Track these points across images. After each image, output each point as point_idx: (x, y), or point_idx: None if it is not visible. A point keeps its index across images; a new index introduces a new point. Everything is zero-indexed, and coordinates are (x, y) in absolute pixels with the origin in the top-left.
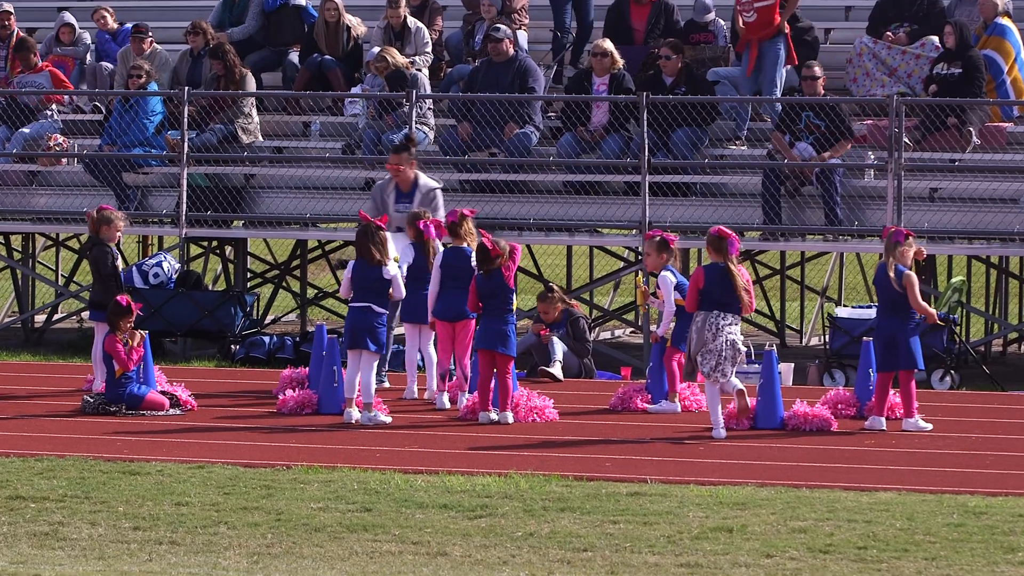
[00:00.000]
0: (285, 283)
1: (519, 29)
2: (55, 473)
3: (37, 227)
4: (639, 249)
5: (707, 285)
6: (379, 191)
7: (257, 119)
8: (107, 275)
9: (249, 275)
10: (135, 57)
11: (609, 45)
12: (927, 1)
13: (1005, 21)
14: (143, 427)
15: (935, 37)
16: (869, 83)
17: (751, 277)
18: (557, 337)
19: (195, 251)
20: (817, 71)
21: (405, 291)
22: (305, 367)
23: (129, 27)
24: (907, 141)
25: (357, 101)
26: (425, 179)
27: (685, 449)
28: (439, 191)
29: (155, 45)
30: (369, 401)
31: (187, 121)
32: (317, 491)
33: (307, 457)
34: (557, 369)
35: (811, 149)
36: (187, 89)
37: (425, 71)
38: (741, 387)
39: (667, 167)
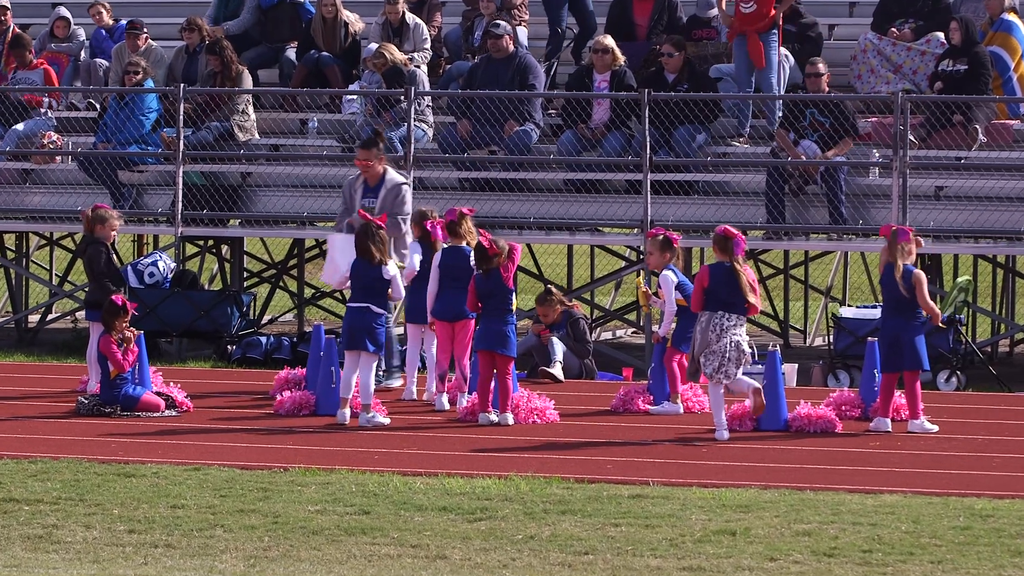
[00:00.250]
0: (282, 283)
1: (519, 25)
2: (49, 475)
3: (31, 226)
4: (641, 248)
5: (712, 285)
6: (348, 187)
7: (254, 116)
8: (99, 274)
9: (246, 274)
10: (130, 54)
11: (610, 41)
12: None
13: (1011, 17)
14: (138, 428)
15: (940, 33)
16: (874, 80)
17: (755, 277)
18: (557, 338)
19: (191, 250)
20: (821, 68)
21: (405, 292)
22: (302, 368)
23: (124, 23)
24: (912, 139)
25: (354, 99)
26: (393, 174)
27: (688, 451)
28: (406, 187)
29: (150, 41)
30: (368, 402)
31: (183, 118)
32: (315, 493)
33: (304, 459)
34: (557, 370)
35: (815, 147)
36: (183, 86)
37: (424, 68)
38: (757, 385)
39: (669, 165)
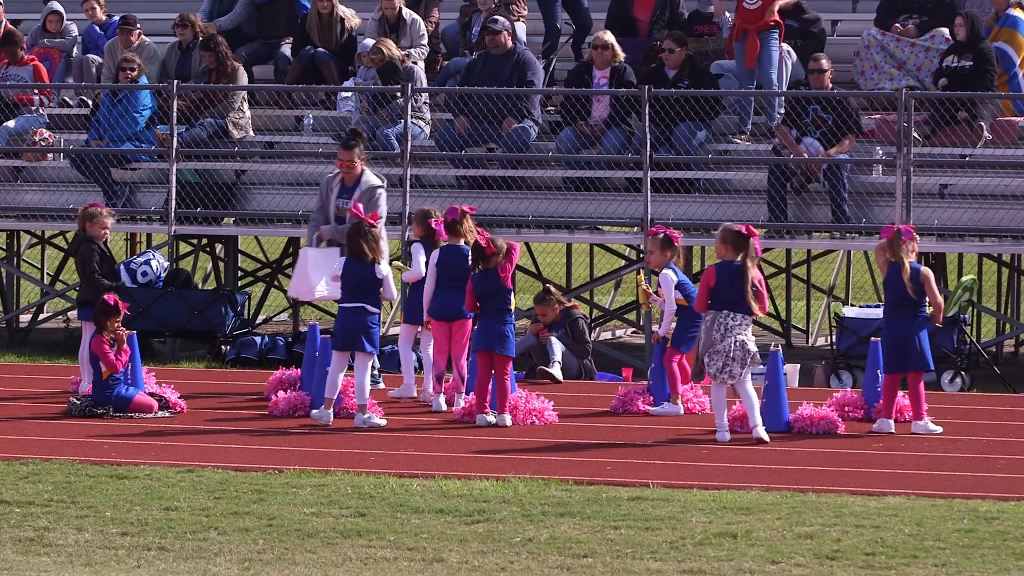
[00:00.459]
0: (277, 282)
1: (517, 21)
2: (40, 477)
3: (22, 224)
4: (641, 247)
5: (718, 284)
6: (325, 185)
7: (248, 113)
8: (89, 273)
9: (240, 274)
10: (123, 50)
11: (610, 37)
12: None
13: (1017, 13)
14: (131, 430)
15: (945, 29)
16: (877, 76)
17: (762, 277)
18: (556, 337)
19: (184, 249)
20: (824, 64)
21: (411, 292)
22: (297, 368)
23: (117, 19)
24: (916, 136)
25: (349, 97)
26: (369, 176)
27: (688, 452)
28: (381, 190)
29: (143, 37)
30: (364, 403)
31: (176, 115)
32: (310, 495)
33: (300, 461)
34: (556, 370)
35: (818, 144)
36: (176, 83)
37: (421, 64)
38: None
39: (670, 162)
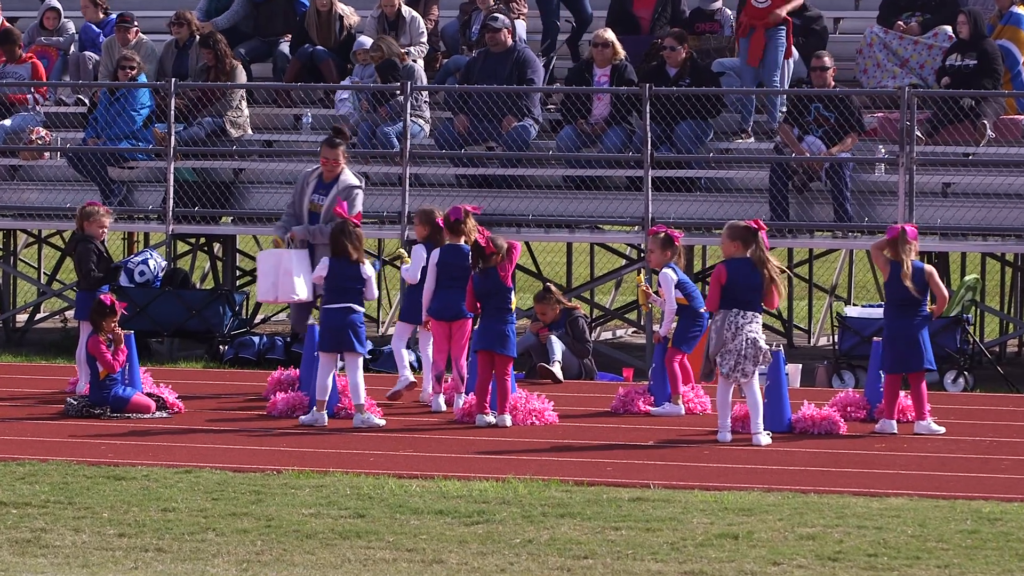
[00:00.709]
0: None
1: (517, 18)
2: (37, 478)
3: (19, 223)
4: (642, 246)
5: (730, 282)
6: (303, 180)
7: (247, 112)
8: (86, 272)
9: (238, 273)
10: (121, 48)
11: (610, 35)
12: None
13: (1021, 10)
14: (128, 430)
15: (948, 27)
16: (880, 74)
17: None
18: (556, 337)
19: (182, 248)
20: (827, 61)
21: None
22: (296, 368)
23: (114, 17)
24: (919, 134)
25: (346, 96)
26: (348, 175)
27: (689, 453)
28: (358, 191)
29: (141, 35)
30: (360, 403)
31: (174, 114)
32: (308, 496)
33: (298, 461)
34: (557, 369)
35: (820, 143)
36: (174, 81)
37: (420, 62)
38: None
39: (671, 161)
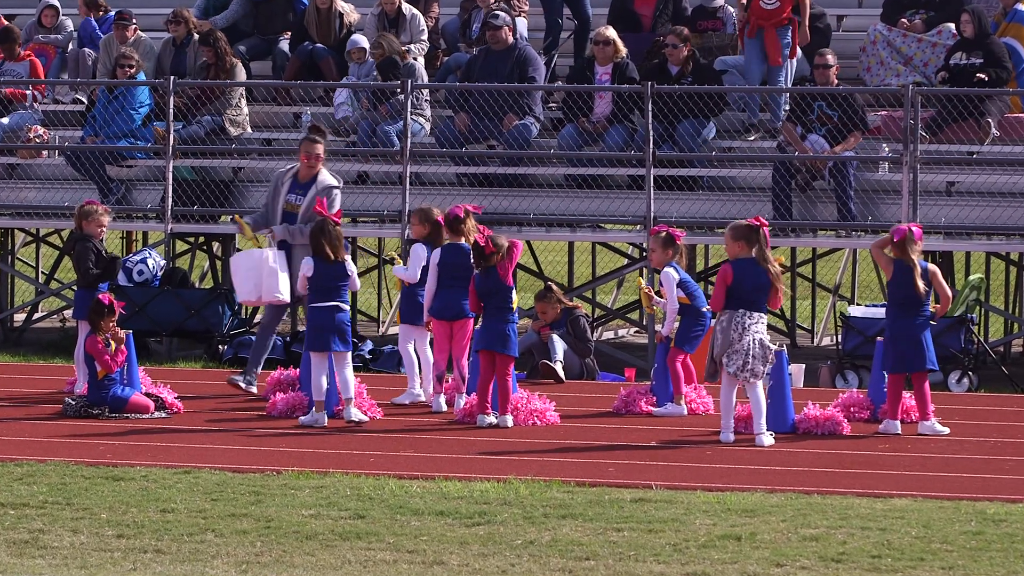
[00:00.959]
0: None
1: (518, 16)
2: (35, 478)
3: (16, 222)
4: (643, 245)
5: (735, 282)
6: (277, 178)
7: (246, 110)
8: (84, 271)
9: None
10: (119, 46)
11: (612, 33)
12: None
13: None
14: (127, 430)
15: (952, 24)
16: (883, 72)
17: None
18: (558, 336)
19: (181, 247)
20: (830, 59)
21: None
22: (296, 368)
23: (113, 14)
24: (923, 133)
25: (343, 100)
26: (326, 175)
27: (692, 453)
28: (337, 191)
29: (139, 33)
30: (350, 397)
31: (173, 112)
32: (308, 497)
33: (298, 462)
34: (559, 368)
35: (823, 141)
36: (172, 79)
37: (421, 59)
38: None
39: (673, 160)
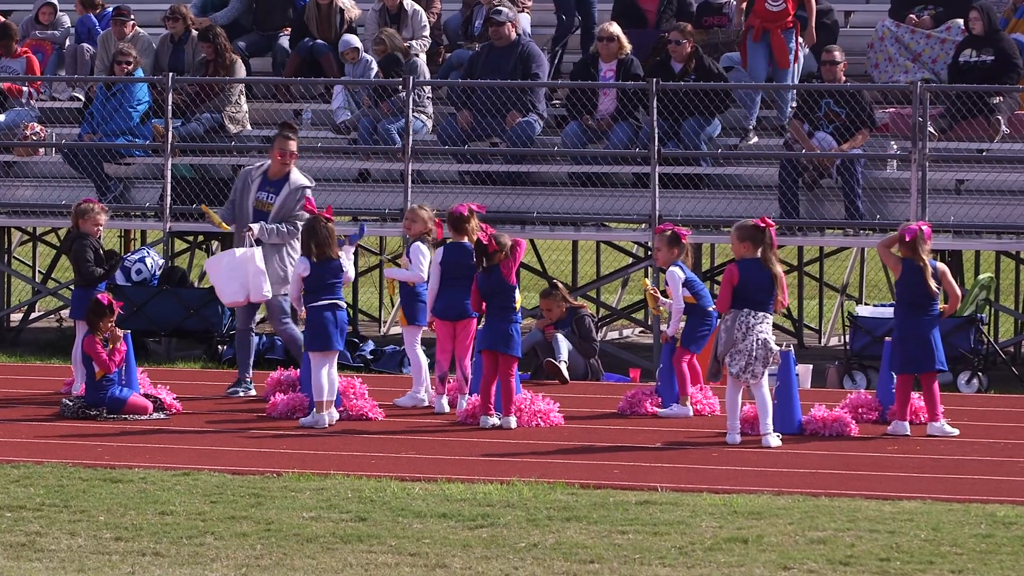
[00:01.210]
0: None
1: (521, 12)
2: (32, 480)
3: (13, 221)
4: (648, 244)
5: (741, 282)
6: (245, 176)
7: (246, 107)
8: (85, 270)
9: None
10: (117, 42)
11: (616, 29)
12: None
13: None
14: (125, 432)
15: (960, 20)
16: (892, 69)
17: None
18: (562, 335)
19: (180, 246)
20: (837, 56)
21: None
22: (296, 369)
23: (111, 10)
24: (932, 130)
25: (339, 100)
26: (297, 174)
27: (697, 455)
28: (310, 190)
29: (137, 29)
30: (332, 399)
31: (172, 109)
32: (309, 499)
33: (298, 464)
34: (564, 368)
35: (831, 138)
36: (171, 75)
37: (423, 56)
38: None
39: (678, 158)
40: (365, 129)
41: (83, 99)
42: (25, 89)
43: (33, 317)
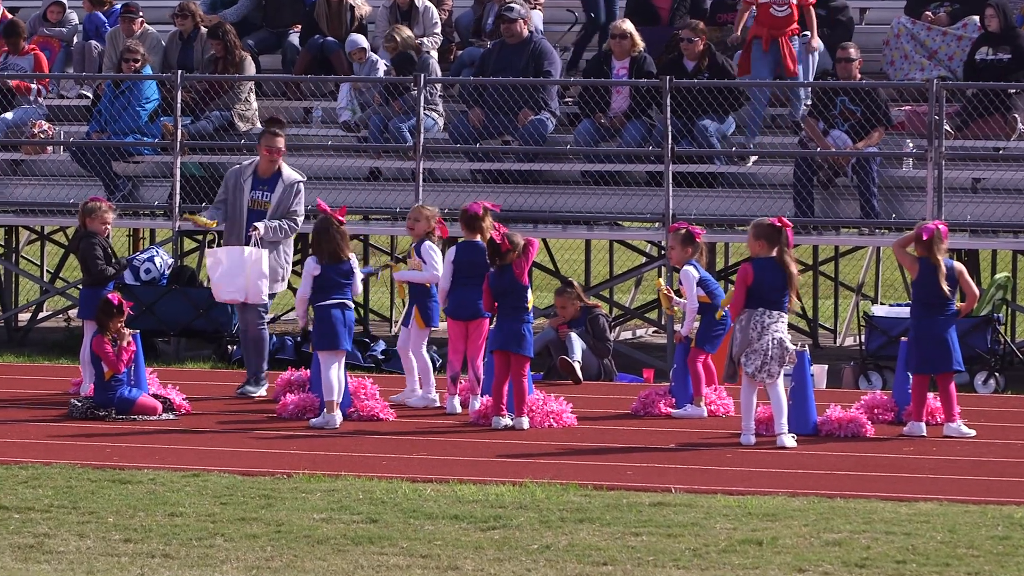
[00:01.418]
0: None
1: (534, 9)
2: (40, 482)
3: (21, 219)
4: (662, 243)
5: (756, 282)
6: (235, 175)
7: (255, 105)
8: (94, 270)
9: None
10: (125, 39)
11: (629, 26)
12: None
13: None
14: (134, 432)
15: (977, 17)
16: (907, 66)
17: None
18: (576, 335)
19: (189, 245)
20: (852, 53)
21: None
22: (306, 369)
23: (119, 7)
24: (948, 128)
25: (343, 100)
26: (289, 171)
27: (712, 456)
28: (303, 186)
29: (146, 26)
30: (333, 400)
31: (181, 107)
32: (320, 501)
33: (309, 465)
34: (578, 368)
35: (846, 137)
36: (180, 73)
37: (434, 53)
38: None
39: (692, 156)
40: (376, 127)
41: (91, 97)
42: (33, 87)
43: (41, 317)
